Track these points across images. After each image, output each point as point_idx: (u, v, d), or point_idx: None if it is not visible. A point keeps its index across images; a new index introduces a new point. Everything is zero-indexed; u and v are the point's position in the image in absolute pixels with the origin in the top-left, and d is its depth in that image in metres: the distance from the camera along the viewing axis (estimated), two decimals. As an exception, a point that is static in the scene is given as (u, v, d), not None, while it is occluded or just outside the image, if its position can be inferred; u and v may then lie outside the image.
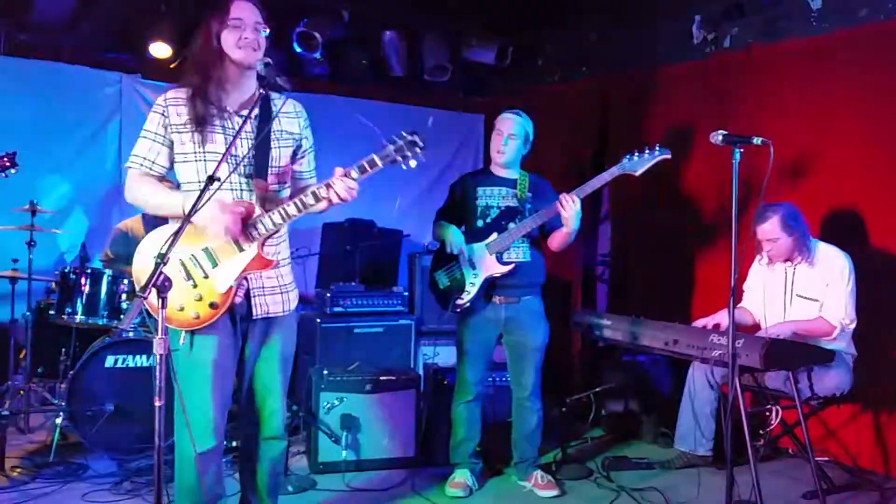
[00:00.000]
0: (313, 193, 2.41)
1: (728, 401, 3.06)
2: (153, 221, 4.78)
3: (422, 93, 6.28)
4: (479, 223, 3.53)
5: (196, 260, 2.39)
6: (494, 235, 3.47)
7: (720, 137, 2.93)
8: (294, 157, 2.63)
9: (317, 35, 5.18)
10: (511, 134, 3.52)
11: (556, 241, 3.53)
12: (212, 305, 2.37)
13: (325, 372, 3.93)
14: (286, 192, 2.60)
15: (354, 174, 2.41)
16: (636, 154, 3.33)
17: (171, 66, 5.15)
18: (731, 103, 4.56)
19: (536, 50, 5.99)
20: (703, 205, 4.75)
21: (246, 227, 2.39)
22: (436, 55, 5.59)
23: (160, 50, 5.00)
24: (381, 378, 3.94)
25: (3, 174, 2.72)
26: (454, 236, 3.48)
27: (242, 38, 2.40)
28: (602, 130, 5.42)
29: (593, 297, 5.57)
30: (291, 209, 2.41)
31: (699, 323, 3.72)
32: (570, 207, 3.30)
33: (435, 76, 5.70)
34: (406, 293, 4.98)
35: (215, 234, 2.35)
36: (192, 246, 2.39)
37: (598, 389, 4.51)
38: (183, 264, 2.38)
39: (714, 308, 3.77)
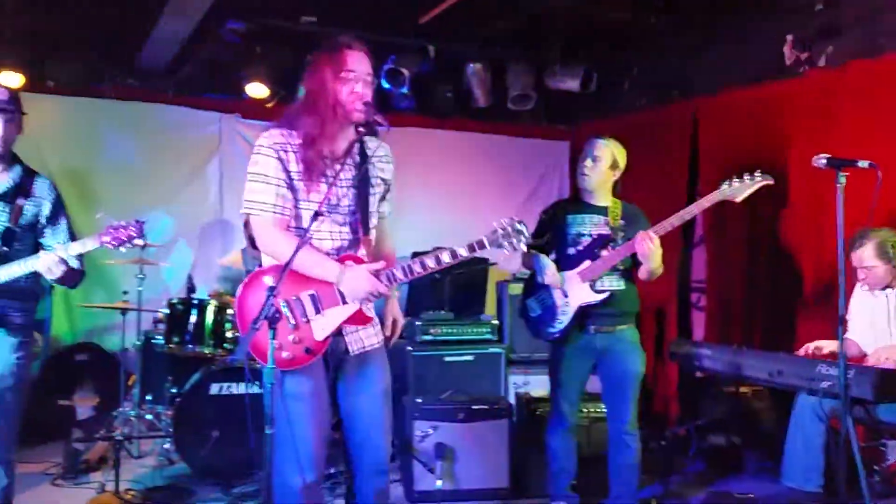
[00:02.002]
0: (436, 258, 2.43)
1: (840, 435, 2.91)
2: (254, 254, 5.03)
3: (506, 122, 6.33)
4: (571, 251, 3.50)
5: (301, 303, 2.42)
6: (587, 263, 3.43)
7: (824, 161, 2.83)
8: (381, 200, 2.67)
9: (404, 71, 5.32)
10: (595, 156, 3.49)
11: (641, 274, 3.47)
12: (307, 350, 2.40)
13: (419, 400, 3.97)
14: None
15: (463, 252, 2.44)
16: (735, 180, 3.24)
17: (268, 105, 5.40)
18: (829, 123, 4.38)
19: (622, 75, 5.95)
20: (806, 229, 4.56)
21: None
22: (520, 84, 5.63)
23: (257, 90, 5.23)
24: (474, 407, 3.95)
25: (130, 245, 2.82)
26: (545, 264, 3.46)
27: (354, 92, 2.44)
28: (694, 154, 5.30)
29: (689, 326, 5.41)
30: (417, 267, 2.44)
31: (802, 350, 3.56)
32: (646, 246, 3.24)
33: (519, 105, 5.74)
34: (495, 321, 4.98)
35: (355, 295, 2.41)
36: (298, 288, 2.42)
37: (699, 422, 4.36)
38: (287, 304, 2.41)
39: (821, 337, 3.61)
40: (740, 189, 3.24)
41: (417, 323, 4.79)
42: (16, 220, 2.95)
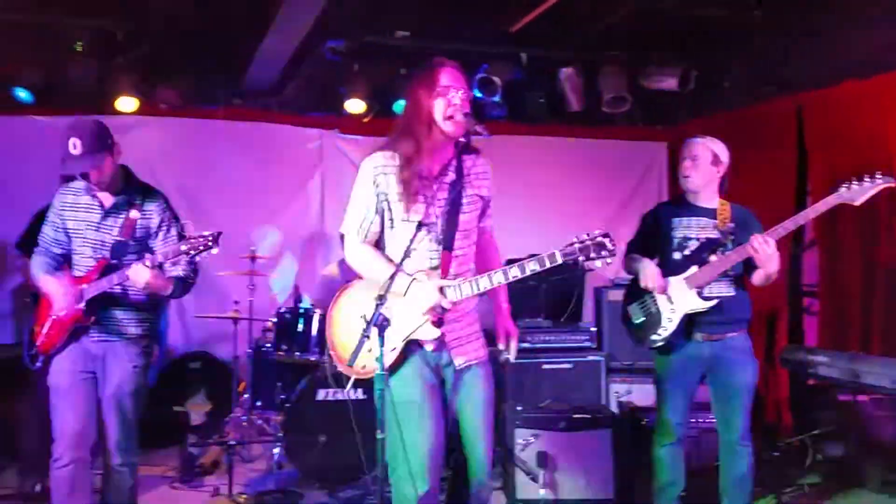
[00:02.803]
0: (504, 272, 2.43)
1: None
2: (350, 267, 5.18)
3: (600, 125, 6.25)
4: (676, 255, 3.40)
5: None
6: (694, 269, 3.33)
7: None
8: (481, 216, 2.70)
9: (496, 79, 5.34)
10: (695, 155, 3.39)
11: (756, 279, 3.33)
12: (377, 360, 2.41)
13: (519, 408, 3.97)
14: (472, 249, 2.67)
15: (533, 266, 2.39)
16: (854, 182, 3.07)
17: (365, 120, 5.55)
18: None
19: (722, 72, 5.75)
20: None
21: None
22: (614, 86, 5.54)
23: (355, 106, 5.38)
24: (575, 416, 3.91)
25: (207, 253, 2.91)
26: (650, 269, 3.38)
27: (451, 105, 2.48)
28: (801, 153, 5.08)
29: (800, 331, 5.17)
30: (484, 282, 2.45)
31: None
32: (763, 250, 3.11)
33: (614, 107, 5.65)
34: (594, 328, 4.92)
35: (421, 311, 2.46)
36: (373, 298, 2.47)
37: (815, 432, 4.15)
38: (364, 315, 2.46)
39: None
40: (860, 192, 3.07)
41: (515, 330, 4.78)
42: (127, 233, 3.06)
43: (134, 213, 3.08)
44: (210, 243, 2.90)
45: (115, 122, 5.29)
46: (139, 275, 2.88)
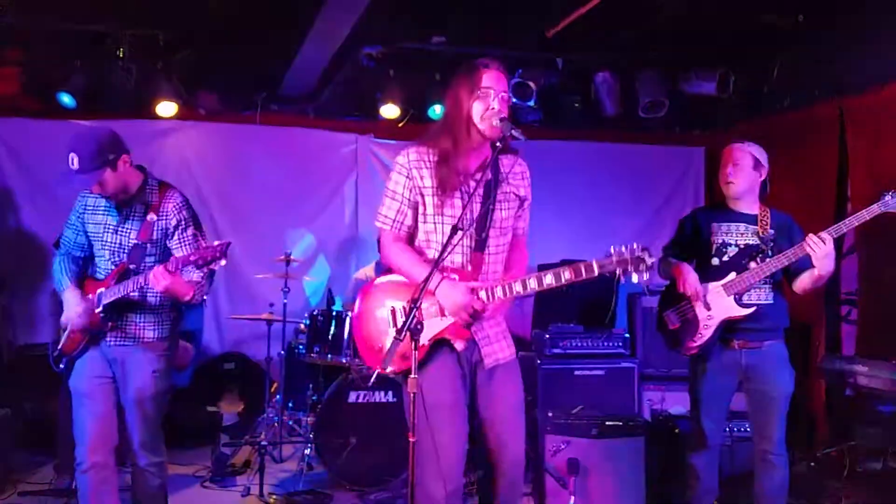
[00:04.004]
0: (538, 278, 2.42)
1: None
2: (387, 270, 5.20)
3: (636, 130, 6.20)
4: (715, 261, 3.36)
5: (405, 312, 2.49)
6: (733, 275, 3.28)
7: None
8: (516, 216, 2.70)
9: (531, 84, 5.33)
10: (736, 160, 3.34)
11: (804, 283, 3.26)
12: (404, 357, 2.42)
13: (550, 414, 3.94)
14: (507, 248, 2.66)
15: (567, 275, 2.38)
16: None
17: (400, 124, 5.58)
18: None
19: (761, 76, 5.66)
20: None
21: None
22: (651, 91, 5.49)
23: (390, 111, 5.42)
24: (608, 423, 3.86)
25: (214, 265, 2.82)
26: (688, 274, 3.33)
27: (490, 109, 2.49)
28: (842, 158, 4.97)
29: (838, 340, 5.06)
30: (518, 287, 2.45)
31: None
32: (820, 248, 3.03)
33: (651, 112, 5.60)
34: (627, 335, 4.87)
35: (449, 308, 2.46)
36: (406, 298, 2.49)
37: (853, 443, 4.05)
38: (394, 313, 2.50)
39: None
40: None
41: (546, 336, 4.76)
42: (145, 236, 3.01)
43: (151, 216, 3.03)
44: (218, 255, 2.79)
45: (155, 127, 5.52)
46: (158, 280, 2.82)
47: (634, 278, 2.33)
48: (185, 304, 3.11)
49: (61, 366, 3.11)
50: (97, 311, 2.98)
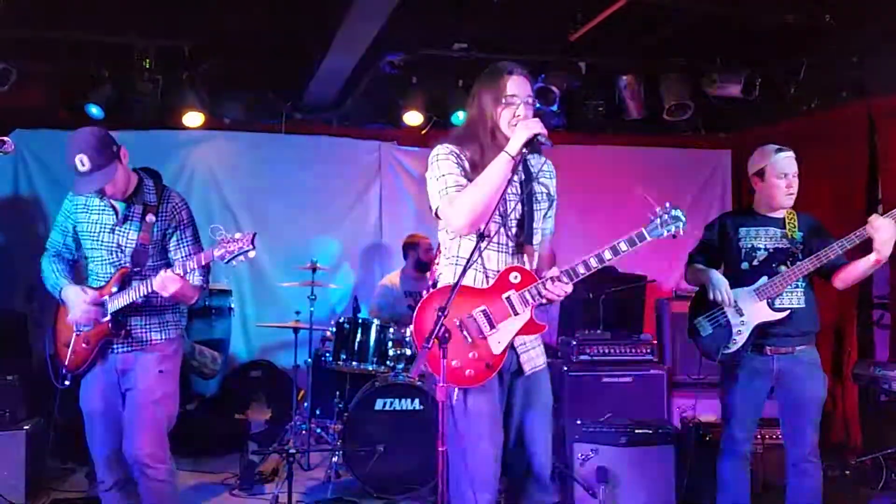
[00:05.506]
0: (584, 263, 2.45)
1: None
2: (412, 275, 5.21)
3: (660, 133, 6.15)
4: (745, 265, 3.32)
5: (475, 321, 2.47)
6: (764, 279, 3.25)
7: None
8: (545, 216, 2.69)
9: (554, 89, 5.31)
10: (796, 173, 3.29)
11: (853, 274, 3.19)
12: (487, 366, 2.44)
13: (578, 422, 3.91)
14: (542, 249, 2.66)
15: (624, 246, 2.46)
16: None
17: (423, 131, 5.59)
18: None
19: (788, 77, 5.59)
20: None
21: (521, 292, 2.47)
22: (675, 94, 5.45)
23: (413, 118, 5.44)
24: (637, 431, 3.83)
25: (243, 257, 2.80)
26: (718, 280, 3.30)
27: (516, 115, 2.48)
28: (872, 159, 4.89)
29: (870, 345, 4.97)
30: (581, 269, 2.45)
31: None
32: (885, 229, 2.96)
33: (676, 115, 5.55)
34: (655, 341, 4.82)
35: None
36: (470, 306, 2.48)
37: (889, 451, 3.98)
38: (462, 323, 2.46)
39: None
40: None
41: (573, 342, 4.73)
42: (146, 238, 2.95)
43: (150, 217, 2.97)
44: (246, 246, 2.77)
45: (182, 137, 5.57)
46: (167, 285, 2.79)
47: (681, 231, 2.51)
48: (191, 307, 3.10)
49: (66, 382, 3.03)
50: (104, 319, 2.92)
